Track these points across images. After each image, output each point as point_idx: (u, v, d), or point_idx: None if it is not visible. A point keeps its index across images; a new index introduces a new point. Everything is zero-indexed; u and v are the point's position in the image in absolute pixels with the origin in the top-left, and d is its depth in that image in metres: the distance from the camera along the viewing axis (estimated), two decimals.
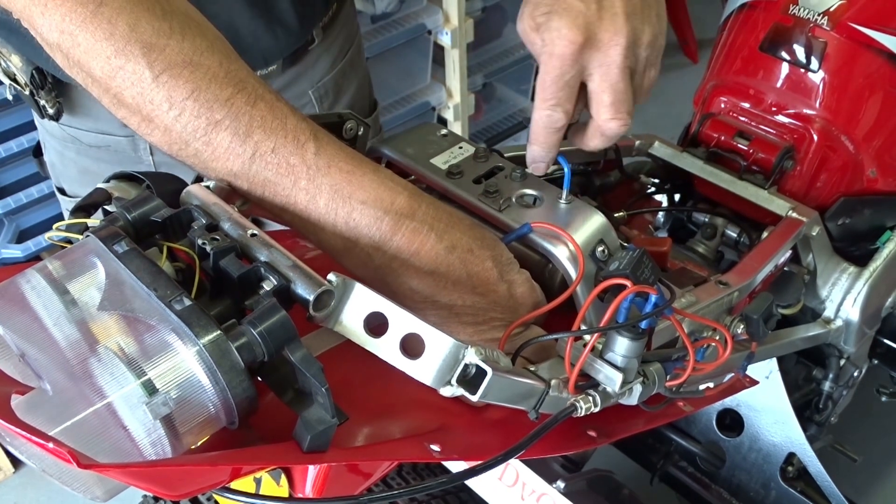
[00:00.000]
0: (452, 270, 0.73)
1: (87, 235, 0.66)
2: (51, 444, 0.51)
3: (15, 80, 1.15)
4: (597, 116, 0.85)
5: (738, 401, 1.26)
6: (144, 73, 0.68)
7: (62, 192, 1.36)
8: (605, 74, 0.82)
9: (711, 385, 0.96)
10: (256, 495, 0.70)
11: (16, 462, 2.10)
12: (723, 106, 1.24)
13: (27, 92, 1.15)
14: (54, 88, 1.14)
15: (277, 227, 0.91)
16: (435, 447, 0.70)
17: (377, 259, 0.72)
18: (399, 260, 0.72)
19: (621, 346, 0.72)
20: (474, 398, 0.65)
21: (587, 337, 0.72)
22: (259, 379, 0.64)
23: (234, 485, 0.63)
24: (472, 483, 1.15)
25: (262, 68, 1.18)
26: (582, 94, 0.86)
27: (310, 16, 1.21)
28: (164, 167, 1.19)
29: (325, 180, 0.71)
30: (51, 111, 1.16)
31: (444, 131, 0.93)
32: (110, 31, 0.67)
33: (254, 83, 0.72)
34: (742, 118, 1.23)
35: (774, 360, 1.17)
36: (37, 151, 1.49)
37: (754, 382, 1.07)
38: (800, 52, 1.17)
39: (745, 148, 1.19)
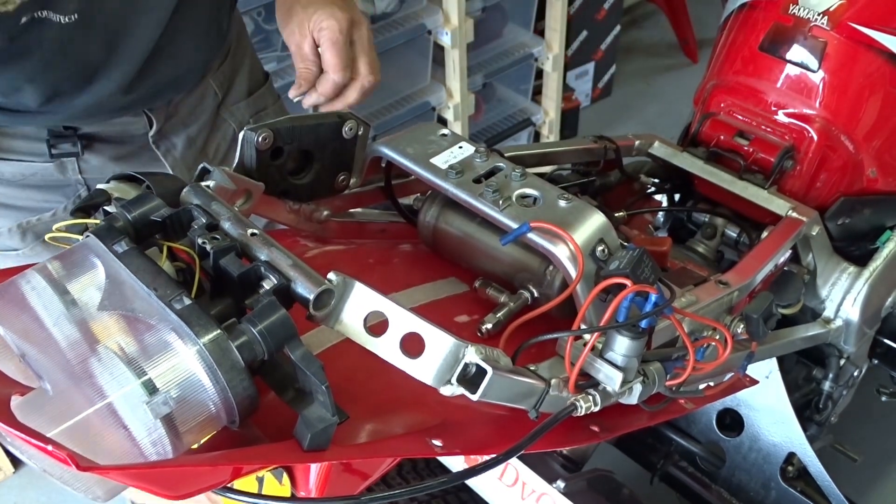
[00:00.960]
0: None
1: (87, 235, 0.66)
2: (50, 447, 0.51)
3: None
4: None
5: (738, 400, 1.26)
6: None
7: None
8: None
9: (711, 384, 0.96)
10: (258, 495, 0.70)
11: (16, 462, 2.10)
12: (723, 106, 1.24)
13: None
14: None
15: (277, 226, 0.91)
16: (437, 442, 0.70)
17: None
18: None
19: (621, 345, 0.72)
20: (474, 397, 0.65)
21: (587, 336, 0.72)
22: (259, 377, 0.64)
23: (237, 484, 0.63)
24: (472, 483, 1.15)
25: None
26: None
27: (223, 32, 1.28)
28: (93, 182, 1.19)
29: None
30: None
31: (444, 131, 0.93)
32: None
33: None
34: (742, 118, 1.22)
35: (774, 359, 1.17)
36: None
37: (754, 382, 1.07)
38: (800, 51, 1.17)
39: (745, 147, 1.19)
